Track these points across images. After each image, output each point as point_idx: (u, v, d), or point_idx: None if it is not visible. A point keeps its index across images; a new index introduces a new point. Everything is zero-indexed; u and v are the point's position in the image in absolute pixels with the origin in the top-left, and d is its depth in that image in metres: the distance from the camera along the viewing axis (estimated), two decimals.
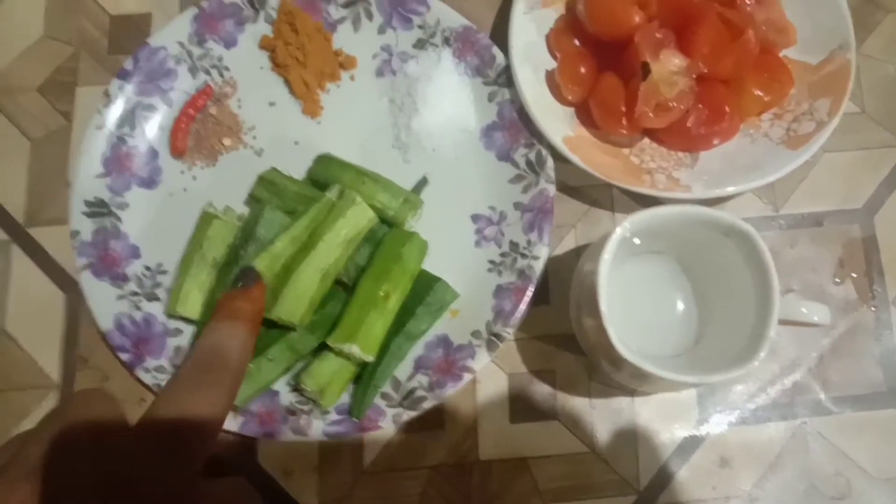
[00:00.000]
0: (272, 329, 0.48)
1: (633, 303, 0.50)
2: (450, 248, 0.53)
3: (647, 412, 0.51)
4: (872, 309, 0.53)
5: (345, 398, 0.50)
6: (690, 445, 0.51)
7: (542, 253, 0.51)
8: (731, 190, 0.50)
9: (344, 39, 0.56)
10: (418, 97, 0.55)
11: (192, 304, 0.50)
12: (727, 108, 0.51)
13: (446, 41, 0.55)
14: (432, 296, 0.50)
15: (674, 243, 0.49)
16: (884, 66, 0.57)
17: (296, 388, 0.50)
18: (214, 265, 0.51)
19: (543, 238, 0.52)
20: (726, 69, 0.51)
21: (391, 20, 0.56)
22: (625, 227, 0.42)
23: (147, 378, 0.50)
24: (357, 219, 0.49)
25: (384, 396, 0.49)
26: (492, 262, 0.53)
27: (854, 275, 0.53)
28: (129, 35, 0.58)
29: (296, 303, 0.47)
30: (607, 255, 0.42)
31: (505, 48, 0.53)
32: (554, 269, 0.54)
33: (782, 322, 0.43)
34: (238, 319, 0.32)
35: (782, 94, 0.53)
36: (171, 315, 0.51)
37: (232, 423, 0.49)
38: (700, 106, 0.51)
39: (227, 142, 0.55)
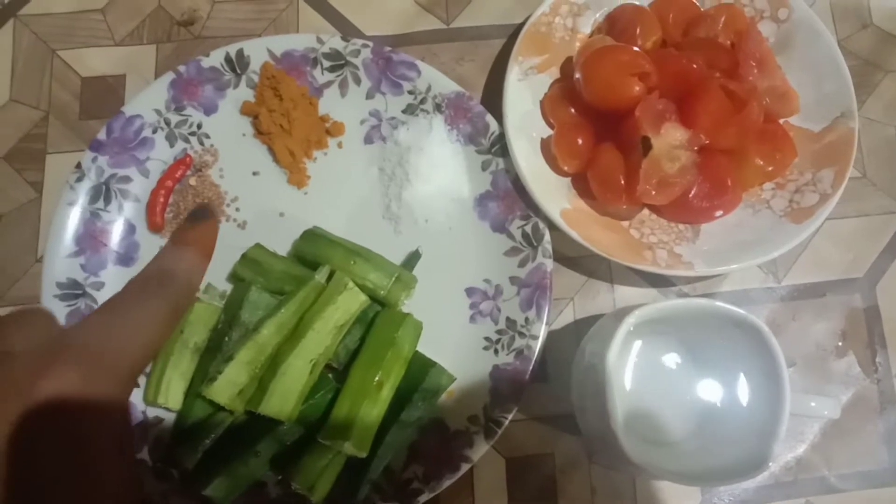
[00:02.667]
0: (259, 421, 0.46)
1: (637, 383, 0.48)
2: (444, 325, 0.51)
3: (650, 495, 0.50)
4: (876, 382, 0.52)
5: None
6: None
7: (541, 332, 0.49)
8: (734, 267, 0.48)
9: (330, 105, 0.54)
10: (410, 167, 0.52)
11: (174, 393, 0.47)
12: (729, 181, 0.50)
13: (438, 108, 0.53)
14: (428, 382, 0.48)
15: (680, 326, 0.47)
16: (884, 129, 0.56)
17: (282, 479, 0.47)
18: (196, 350, 0.48)
19: (542, 316, 0.50)
20: (728, 141, 0.50)
21: (380, 85, 0.53)
22: (628, 322, 0.40)
23: None
24: (348, 304, 0.47)
25: (377, 489, 0.47)
26: (488, 339, 0.51)
27: (856, 347, 0.52)
28: (102, 98, 0.55)
29: (284, 398, 0.45)
30: (612, 357, 0.40)
31: (498, 114, 0.51)
32: (552, 344, 0.52)
33: (792, 415, 0.42)
34: (188, 245, 0.32)
35: (785, 164, 0.51)
36: (152, 405, 0.48)
37: None
38: (701, 179, 0.50)
39: None
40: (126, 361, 0.27)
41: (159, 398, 0.47)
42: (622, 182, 0.49)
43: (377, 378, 0.46)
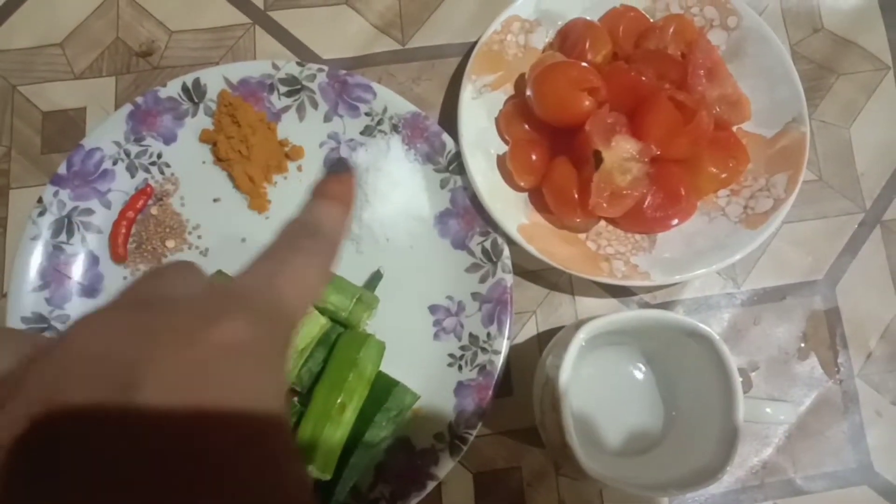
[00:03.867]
0: None
1: (598, 396, 0.49)
2: (408, 343, 0.51)
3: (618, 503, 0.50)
4: (838, 383, 0.52)
5: None
6: None
7: (503, 346, 0.50)
8: (689, 276, 0.49)
9: (289, 129, 0.54)
10: (369, 187, 0.53)
11: None
12: (682, 191, 0.50)
13: (395, 128, 0.53)
14: (391, 401, 0.48)
15: (638, 337, 0.48)
16: (839, 132, 0.56)
17: None
18: None
19: (503, 331, 0.50)
20: (680, 151, 0.50)
21: (337, 108, 0.54)
22: (579, 338, 0.41)
23: None
24: (309, 328, 0.47)
25: None
26: (452, 355, 0.51)
27: (818, 348, 0.53)
28: (64, 132, 0.55)
29: None
30: (566, 370, 0.40)
31: (455, 132, 0.52)
32: (516, 358, 0.52)
33: (748, 422, 0.43)
34: (330, 198, 0.30)
35: (738, 171, 0.52)
36: None
37: None
38: (655, 189, 0.50)
39: (170, 243, 0.52)
40: (289, 311, 0.24)
41: None
42: (576, 196, 0.49)
43: (339, 400, 0.46)
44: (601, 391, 0.49)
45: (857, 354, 0.53)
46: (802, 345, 0.53)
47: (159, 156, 0.54)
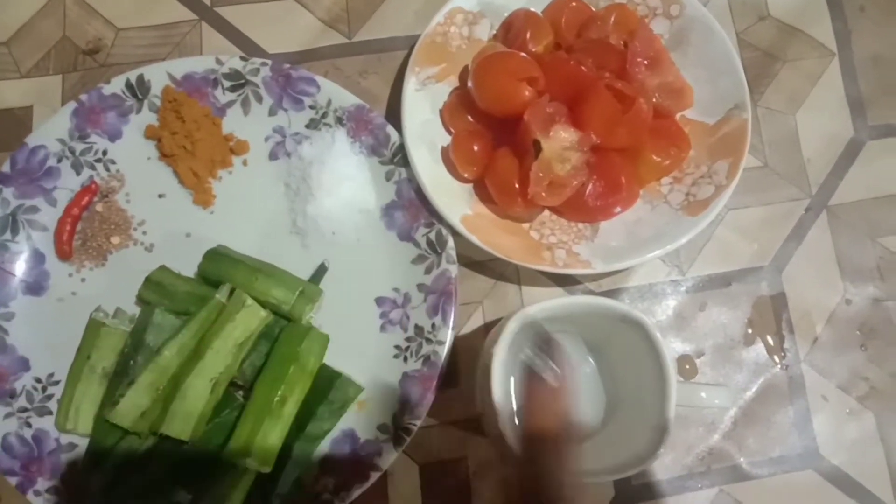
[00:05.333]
0: (165, 440, 0.46)
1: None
2: (354, 336, 0.52)
3: None
4: (784, 368, 0.52)
5: None
6: None
7: (447, 337, 0.50)
8: (629, 263, 0.49)
9: (234, 124, 0.54)
10: (313, 181, 0.53)
11: (84, 419, 0.48)
12: (623, 179, 0.50)
13: (339, 121, 0.54)
14: (333, 393, 0.49)
15: (578, 325, 0.48)
16: (784, 118, 0.56)
17: (195, 500, 0.48)
18: (104, 375, 0.49)
19: (448, 321, 0.50)
20: (620, 139, 0.50)
21: (281, 101, 0.54)
22: (511, 328, 0.41)
23: (38, 502, 0.47)
24: (248, 321, 0.47)
25: (288, 503, 0.48)
26: (398, 347, 0.51)
27: (764, 334, 0.53)
28: (11, 131, 0.55)
29: (185, 419, 0.45)
30: (498, 359, 0.40)
31: (400, 125, 0.52)
32: (462, 350, 0.52)
33: (685, 407, 0.43)
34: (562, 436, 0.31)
35: (680, 158, 0.52)
36: (63, 431, 0.49)
37: None
38: (596, 178, 0.50)
39: (115, 240, 0.53)
40: None
41: (68, 424, 0.48)
42: (517, 186, 0.50)
43: (280, 393, 0.46)
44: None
45: (803, 340, 0.53)
46: (749, 331, 0.53)
47: (104, 153, 0.54)
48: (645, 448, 0.41)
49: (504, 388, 0.41)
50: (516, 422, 0.42)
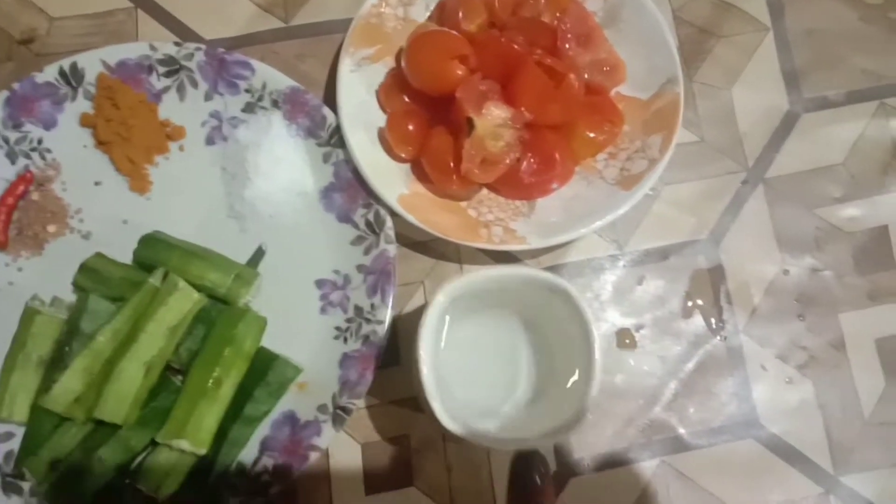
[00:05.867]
0: (102, 426, 0.46)
1: (476, 358, 0.49)
2: (295, 318, 0.51)
3: (505, 465, 0.50)
4: (723, 339, 0.53)
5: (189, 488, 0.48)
6: None
7: (386, 316, 0.50)
8: (564, 238, 0.49)
9: (170, 109, 0.54)
10: (249, 165, 0.53)
11: (19, 407, 0.48)
12: (557, 156, 0.51)
13: (275, 104, 0.53)
14: (271, 375, 0.49)
15: (512, 299, 0.48)
16: (720, 93, 0.57)
17: (136, 484, 0.48)
18: (40, 363, 0.48)
19: (386, 301, 0.50)
20: (553, 116, 0.50)
21: (217, 86, 0.54)
22: (439, 300, 0.41)
23: None
24: (181, 304, 0.47)
25: (228, 486, 0.48)
26: (338, 328, 0.51)
27: (702, 306, 0.53)
28: None
29: (119, 402, 0.45)
30: (425, 332, 0.41)
31: (336, 107, 0.52)
32: (403, 329, 0.52)
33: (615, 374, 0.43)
34: None
35: (614, 133, 0.52)
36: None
37: None
38: (530, 155, 0.50)
39: (51, 228, 0.52)
40: None
41: (3, 413, 0.47)
42: (452, 164, 0.50)
43: (215, 375, 0.46)
44: (480, 352, 0.49)
45: (741, 311, 0.53)
46: (687, 303, 0.54)
47: (40, 141, 0.53)
48: (573, 414, 0.41)
49: (431, 361, 0.41)
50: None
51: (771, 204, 0.55)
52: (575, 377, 0.44)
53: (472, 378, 0.49)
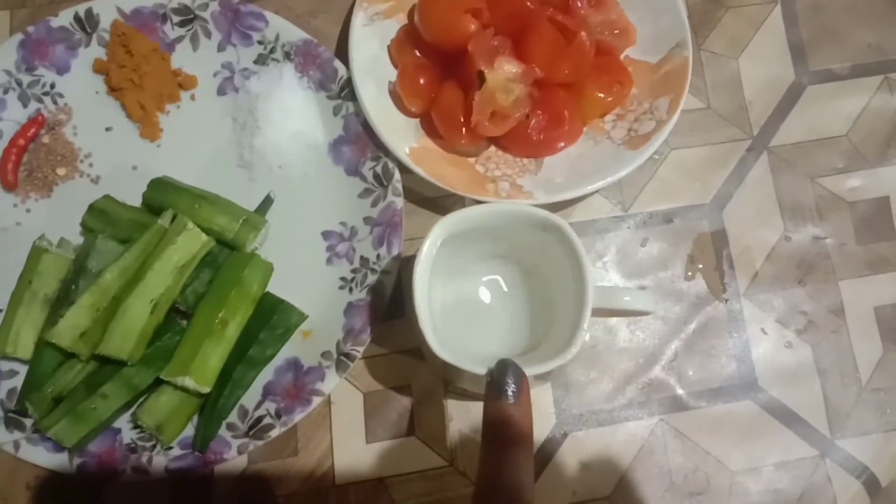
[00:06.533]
0: (106, 364, 0.46)
1: (475, 309, 0.49)
2: (301, 268, 0.52)
3: None
4: (724, 302, 0.53)
5: (190, 431, 0.48)
6: (549, 450, 0.50)
7: (393, 267, 0.50)
8: (570, 195, 0.50)
9: (183, 59, 0.55)
10: (259, 114, 0.53)
11: (24, 343, 0.48)
12: (566, 113, 0.51)
13: (287, 56, 0.54)
14: (276, 319, 0.49)
15: (510, 245, 0.48)
16: (727, 62, 0.58)
17: (136, 424, 0.48)
18: (46, 301, 0.48)
19: (393, 251, 0.51)
20: (563, 73, 0.51)
21: (230, 37, 0.54)
22: (436, 232, 0.41)
23: None
24: (189, 245, 0.47)
25: (230, 427, 0.48)
26: (343, 279, 0.52)
27: (704, 269, 0.54)
28: None
29: (124, 338, 0.45)
30: (420, 266, 0.41)
31: (348, 61, 0.52)
32: (408, 281, 0.53)
33: (610, 313, 0.43)
34: (521, 445, 0.30)
35: (622, 94, 0.53)
36: (4, 356, 0.48)
37: (67, 466, 0.46)
38: (539, 112, 0.51)
39: (61, 171, 0.52)
40: None
41: (8, 348, 0.47)
42: (462, 118, 0.50)
43: (221, 315, 0.47)
44: (480, 302, 0.49)
45: (743, 275, 0.54)
46: (689, 266, 0.54)
47: (52, 86, 0.54)
48: (563, 345, 0.41)
49: (425, 291, 0.41)
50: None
51: (774, 172, 0.56)
52: (571, 315, 0.43)
53: (471, 329, 0.49)
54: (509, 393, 0.34)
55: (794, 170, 0.56)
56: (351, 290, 0.51)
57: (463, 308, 0.49)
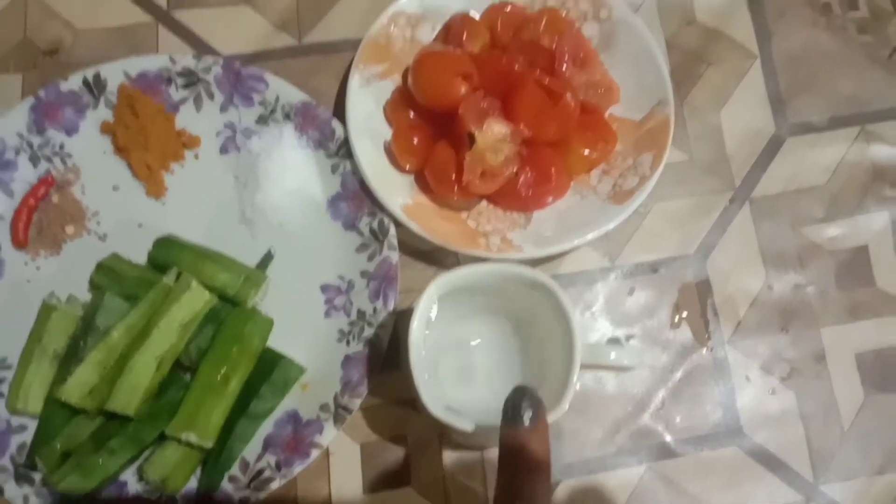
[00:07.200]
0: (113, 419, 0.48)
1: (469, 362, 0.51)
2: (300, 321, 0.54)
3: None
4: (709, 350, 0.55)
5: (194, 483, 0.50)
6: None
7: (389, 321, 0.52)
8: (558, 249, 0.52)
9: (187, 119, 0.57)
10: (261, 172, 0.55)
11: (34, 398, 0.50)
12: (553, 170, 0.53)
13: (287, 116, 0.56)
14: (276, 374, 0.51)
15: (501, 301, 0.50)
16: (709, 115, 0.60)
17: (142, 477, 0.49)
18: (55, 357, 0.50)
19: (388, 305, 0.53)
20: (550, 132, 0.53)
21: (232, 98, 0.57)
22: (430, 291, 0.43)
23: None
24: (193, 303, 0.49)
25: (232, 480, 0.49)
26: (341, 331, 0.54)
27: (690, 318, 0.56)
28: None
29: (130, 394, 0.47)
30: (415, 322, 0.43)
31: (345, 120, 0.55)
32: (403, 333, 0.54)
33: (597, 368, 0.45)
34: (538, 472, 0.30)
35: (607, 151, 0.55)
36: (14, 411, 0.50)
37: None
38: (528, 169, 0.53)
39: (69, 229, 0.55)
40: None
41: (19, 404, 0.49)
42: (453, 176, 0.52)
43: (222, 373, 0.49)
44: (472, 361, 0.51)
45: (727, 323, 0.56)
46: (675, 315, 0.56)
47: (62, 146, 0.56)
48: (552, 401, 0.42)
49: (419, 345, 0.43)
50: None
51: (756, 222, 0.58)
52: (560, 372, 0.45)
53: (465, 382, 0.51)
54: (525, 419, 0.33)
55: (776, 219, 0.58)
56: (348, 342, 0.53)
57: (458, 361, 0.51)
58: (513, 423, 0.32)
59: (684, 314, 0.56)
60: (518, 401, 0.33)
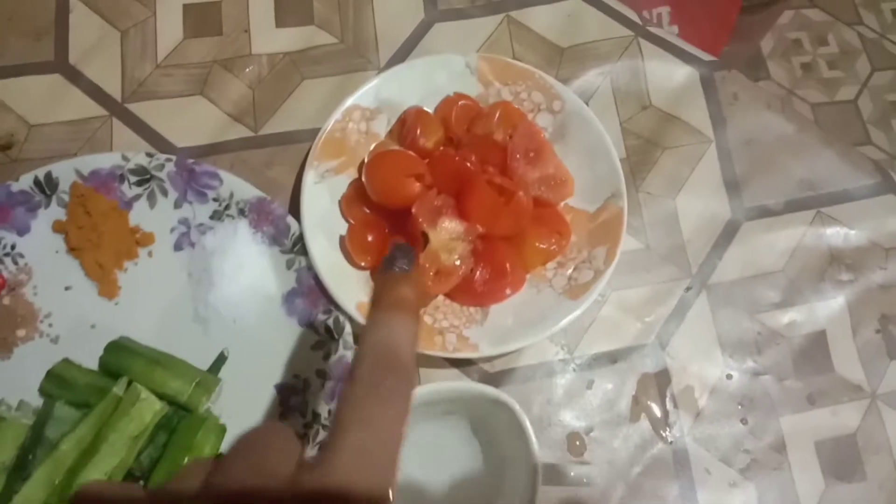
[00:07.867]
0: None
1: (432, 463, 0.51)
2: (254, 423, 0.53)
3: None
4: (668, 444, 0.55)
5: None
6: None
7: None
8: (514, 346, 0.52)
9: (141, 216, 0.57)
10: (214, 269, 0.55)
11: None
12: (508, 266, 0.54)
13: (241, 212, 0.56)
14: None
15: (465, 407, 0.50)
16: (665, 202, 0.60)
17: None
18: (3, 470, 0.49)
19: None
20: (504, 228, 0.53)
21: (186, 195, 0.57)
22: None
23: None
24: (142, 414, 0.49)
25: None
26: (296, 434, 0.53)
27: (649, 410, 0.56)
28: None
29: None
30: None
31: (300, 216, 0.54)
32: None
33: (556, 486, 0.45)
34: (405, 310, 0.29)
35: (562, 244, 0.55)
36: None
37: None
38: (483, 264, 0.53)
39: (21, 332, 0.54)
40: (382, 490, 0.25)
41: None
42: None
43: None
44: (434, 458, 0.51)
45: (686, 414, 0.56)
46: (634, 407, 0.56)
47: (13, 247, 0.55)
48: None
49: None
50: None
51: (714, 309, 0.58)
52: (520, 485, 0.46)
53: (428, 479, 0.51)
54: (398, 266, 0.33)
55: (733, 306, 0.58)
56: (303, 447, 0.52)
57: (420, 458, 0.51)
58: (389, 268, 0.32)
59: (644, 405, 0.56)
60: (394, 254, 0.33)
